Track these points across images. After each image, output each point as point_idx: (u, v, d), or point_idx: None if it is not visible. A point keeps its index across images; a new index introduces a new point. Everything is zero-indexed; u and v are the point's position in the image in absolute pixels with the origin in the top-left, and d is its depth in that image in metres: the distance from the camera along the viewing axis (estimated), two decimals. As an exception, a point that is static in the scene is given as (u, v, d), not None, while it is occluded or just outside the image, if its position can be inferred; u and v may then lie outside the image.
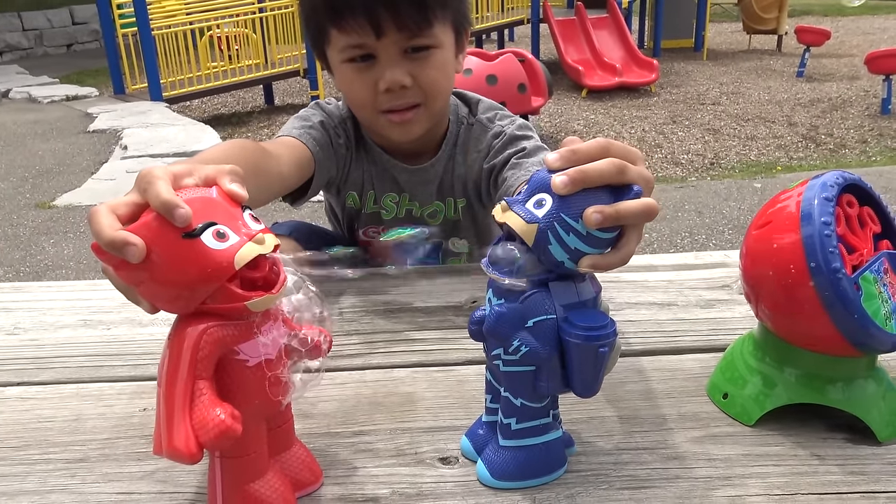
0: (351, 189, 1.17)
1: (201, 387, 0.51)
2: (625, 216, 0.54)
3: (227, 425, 0.50)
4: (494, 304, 0.59)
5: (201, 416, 0.50)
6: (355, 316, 0.93)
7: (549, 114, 6.52)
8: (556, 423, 0.63)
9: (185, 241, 0.50)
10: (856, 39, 10.32)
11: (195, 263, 0.50)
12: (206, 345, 0.52)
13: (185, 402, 0.51)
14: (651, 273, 1.03)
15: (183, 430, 0.50)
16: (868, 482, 0.61)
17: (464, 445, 0.66)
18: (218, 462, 0.56)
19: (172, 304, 0.53)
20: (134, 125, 6.06)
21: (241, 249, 0.51)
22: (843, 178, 0.66)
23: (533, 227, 0.55)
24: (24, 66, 9.70)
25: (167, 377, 0.52)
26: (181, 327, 0.53)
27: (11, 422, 0.73)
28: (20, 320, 0.95)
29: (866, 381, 0.68)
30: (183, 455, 0.50)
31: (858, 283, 0.62)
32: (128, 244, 0.49)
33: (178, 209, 0.50)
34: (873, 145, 5.48)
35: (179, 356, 0.51)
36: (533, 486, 0.61)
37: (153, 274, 0.50)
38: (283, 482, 0.59)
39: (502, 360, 0.59)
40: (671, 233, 3.82)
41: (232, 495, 0.57)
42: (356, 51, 1.01)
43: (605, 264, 0.56)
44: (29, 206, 4.56)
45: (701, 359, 0.81)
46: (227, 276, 0.51)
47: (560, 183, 0.54)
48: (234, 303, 0.52)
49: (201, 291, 0.51)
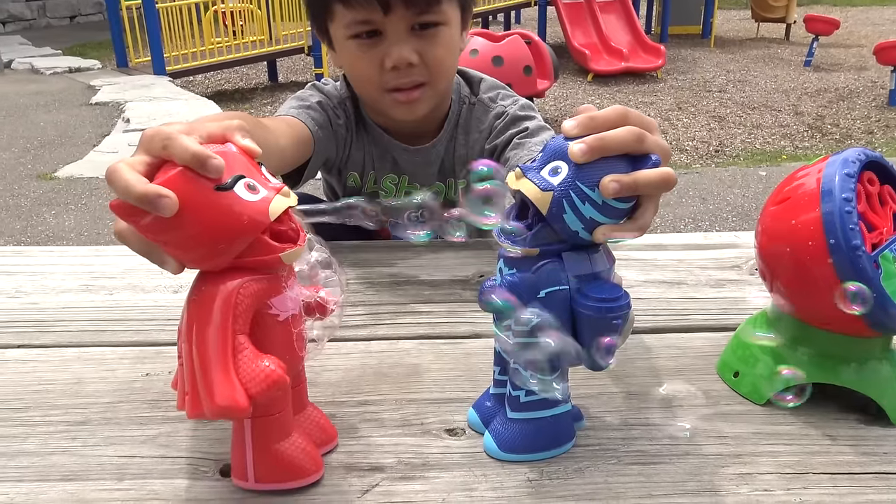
0: (352, 170, 1.16)
1: (241, 341, 0.51)
2: (642, 185, 0.53)
3: (279, 375, 0.50)
4: (506, 274, 0.58)
5: (249, 368, 0.50)
6: (360, 287, 0.92)
7: (554, 97, 6.48)
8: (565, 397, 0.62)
9: (218, 194, 0.49)
10: (865, 30, 10.24)
11: (231, 216, 0.49)
12: (243, 298, 0.51)
13: (226, 357, 0.50)
14: (660, 252, 1.02)
15: (229, 384, 0.49)
16: (881, 463, 0.60)
17: (471, 417, 0.65)
18: (248, 423, 0.55)
19: (207, 261, 0.52)
20: (137, 98, 6.03)
21: (273, 201, 0.51)
22: (865, 155, 0.65)
23: (548, 195, 0.53)
24: (27, 36, 9.63)
25: (200, 335, 0.50)
26: (211, 284, 0.51)
27: (12, 383, 0.72)
28: (21, 284, 0.94)
29: (881, 362, 0.67)
30: (233, 409, 0.49)
31: (878, 262, 0.61)
32: (161, 197, 0.47)
33: (212, 160, 0.49)
34: (879, 136, 5.45)
35: (211, 312, 0.50)
36: (540, 460, 0.61)
37: (186, 230, 0.49)
38: (308, 442, 0.58)
39: (512, 332, 0.58)
40: (675, 219, 3.81)
41: (262, 457, 0.56)
42: (362, 27, 0.98)
43: (621, 234, 0.55)
44: (30, 176, 4.54)
45: (710, 337, 0.80)
46: (262, 228, 0.51)
47: (578, 150, 0.53)
48: (269, 255, 0.52)
49: (238, 244, 0.51)
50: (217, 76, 7.45)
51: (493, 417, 0.63)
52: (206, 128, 0.53)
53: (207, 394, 0.49)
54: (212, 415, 0.50)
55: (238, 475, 0.57)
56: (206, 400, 0.50)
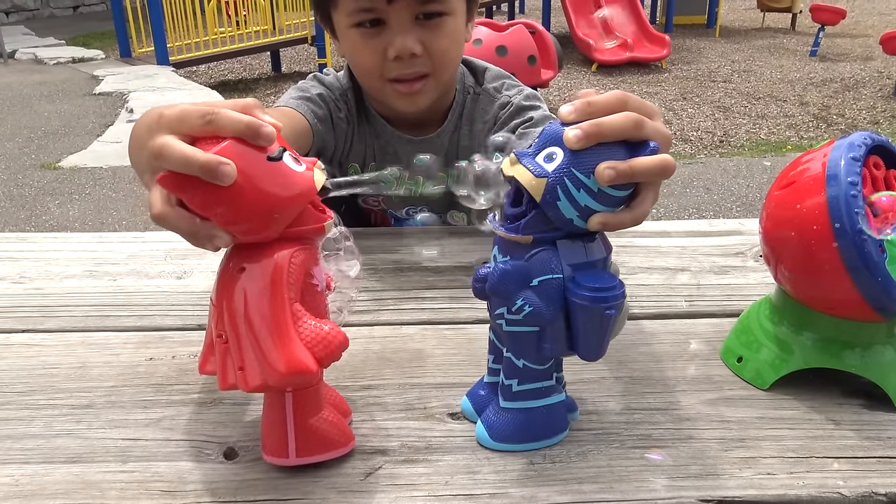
0: (353, 161, 1.15)
1: (299, 308, 0.52)
2: (640, 173, 0.52)
3: (344, 336, 0.52)
4: (499, 262, 0.57)
5: (314, 333, 0.51)
6: (364, 274, 0.92)
7: (558, 87, 6.46)
8: (559, 387, 0.61)
9: (271, 164, 0.51)
10: (871, 20, 10.18)
11: (285, 185, 0.51)
12: (295, 268, 0.52)
13: (287, 325, 0.50)
14: (664, 238, 1.02)
15: (295, 350, 0.50)
16: (884, 448, 0.60)
17: (464, 405, 0.65)
18: (289, 397, 0.55)
19: (259, 232, 0.52)
20: (140, 88, 6.03)
21: (314, 173, 0.53)
22: (870, 139, 0.64)
23: (542, 182, 0.52)
24: (31, 27, 9.63)
25: (252, 307, 0.51)
26: (260, 255, 0.52)
27: (17, 367, 0.72)
28: (25, 269, 0.94)
29: (885, 347, 0.66)
30: (306, 373, 0.50)
31: (883, 246, 0.60)
32: (222, 164, 0.47)
33: (265, 128, 0.49)
34: (885, 127, 5.42)
35: (265, 283, 0.51)
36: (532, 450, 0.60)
37: (240, 201, 0.49)
38: (336, 415, 0.58)
39: (505, 320, 0.57)
40: (679, 208, 3.80)
41: (301, 430, 0.56)
42: (365, 15, 0.97)
43: (617, 223, 0.53)
44: (34, 166, 4.55)
45: (714, 323, 0.80)
46: (311, 197, 0.53)
47: (573, 136, 0.51)
48: (317, 224, 0.53)
49: (291, 213, 0.52)
50: (220, 66, 7.44)
51: (486, 406, 0.62)
52: (225, 104, 0.53)
53: (273, 363, 0.50)
54: (280, 383, 0.51)
55: (275, 452, 0.56)
56: (270, 370, 0.50)
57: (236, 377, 0.52)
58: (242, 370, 0.51)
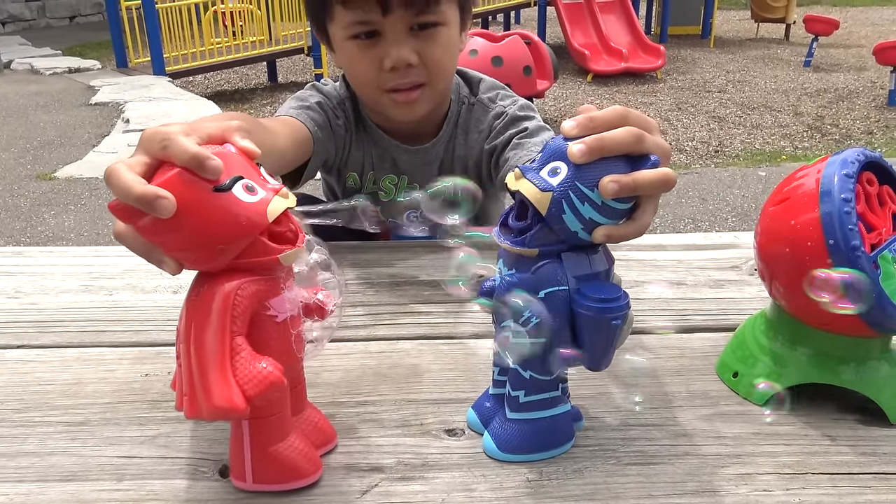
0: (352, 170, 1.16)
1: (239, 342, 0.51)
2: (642, 186, 0.53)
3: (276, 376, 0.50)
4: (505, 275, 0.58)
5: (246, 370, 0.50)
6: (360, 288, 0.92)
7: (553, 97, 6.48)
8: (564, 397, 0.62)
9: (216, 195, 0.49)
10: (864, 30, 10.24)
11: (229, 217, 0.49)
12: (241, 300, 0.51)
13: (223, 358, 0.50)
14: (660, 252, 1.02)
15: (227, 386, 0.49)
16: (880, 464, 0.60)
17: (470, 418, 0.65)
18: (246, 425, 0.55)
19: (205, 262, 0.52)
20: (136, 99, 6.03)
21: (271, 203, 0.51)
22: (864, 156, 0.65)
23: (547, 196, 0.53)
24: (27, 37, 9.63)
25: (197, 337, 0.50)
26: (209, 285, 0.51)
27: (11, 384, 0.72)
28: (21, 284, 0.94)
29: (879, 362, 0.67)
30: (230, 411, 0.49)
31: (877, 262, 0.61)
32: (159, 198, 0.47)
33: (210, 161, 0.49)
34: (879, 136, 5.45)
35: (209, 313, 0.50)
36: (539, 460, 0.61)
37: (184, 231, 0.49)
38: (306, 443, 0.58)
39: (512, 332, 0.58)
40: (675, 219, 3.81)
41: (260, 458, 0.56)
42: (361, 27, 0.98)
43: (620, 235, 0.55)
44: (30, 177, 4.54)
45: (710, 338, 0.80)
46: (261, 229, 0.51)
47: (577, 151, 0.53)
48: (268, 256, 0.52)
49: (237, 245, 0.51)
50: (217, 76, 7.45)
51: (492, 418, 0.63)
52: (206, 128, 0.53)
53: (205, 395, 0.49)
54: (209, 416, 0.50)
55: (237, 476, 0.57)
56: (203, 401, 0.50)
57: (183, 402, 0.52)
58: (186, 397, 0.52)
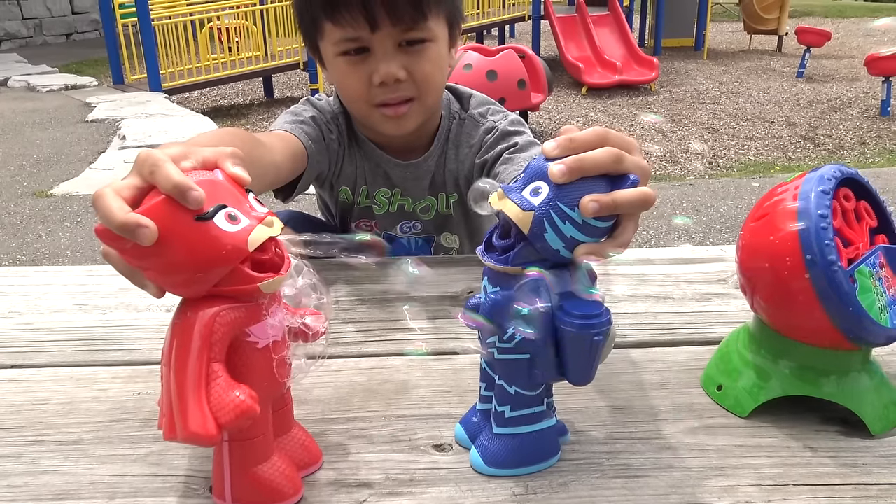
0: (344, 184, 1.17)
1: (216, 369, 0.51)
2: (621, 205, 0.54)
3: (248, 405, 0.50)
4: (490, 292, 0.59)
5: (219, 397, 0.50)
6: (350, 304, 0.93)
7: (548, 110, 6.51)
8: (550, 412, 0.63)
9: (197, 224, 0.50)
10: (856, 41, 10.32)
11: (209, 246, 0.50)
12: (219, 327, 0.52)
13: (199, 384, 0.50)
14: (647, 266, 1.03)
15: (200, 412, 0.50)
16: (860, 474, 0.61)
17: (458, 433, 0.66)
18: (226, 446, 0.56)
19: (185, 288, 0.53)
20: (133, 115, 6.05)
21: (252, 232, 0.52)
22: (840, 172, 0.66)
23: (529, 215, 0.55)
24: (23, 54, 9.66)
25: (177, 361, 0.51)
26: (191, 310, 0.52)
27: (5, 404, 0.73)
28: (15, 304, 0.95)
29: (860, 374, 0.68)
30: (202, 437, 0.50)
31: (854, 277, 0.62)
32: (140, 227, 0.48)
33: (192, 192, 0.49)
34: (871, 147, 5.48)
35: (190, 339, 0.51)
36: (526, 474, 0.61)
37: (165, 257, 0.50)
38: (288, 464, 0.59)
39: (497, 348, 0.59)
40: (668, 230, 3.82)
41: (240, 479, 0.57)
42: (350, 44, 1.00)
43: (601, 252, 0.56)
44: (26, 194, 4.55)
45: (695, 351, 0.81)
46: (240, 258, 0.51)
47: (557, 171, 0.54)
48: (247, 284, 0.52)
49: (215, 274, 0.51)
50: (213, 92, 7.48)
51: (479, 433, 0.64)
52: (201, 153, 0.55)
53: (181, 419, 0.50)
54: (183, 440, 0.51)
55: (218, 495, 0.58)
56: (179, 425, 0.50)
57: (163, 422, 0.53)
58: (165, 418, 0.53)
